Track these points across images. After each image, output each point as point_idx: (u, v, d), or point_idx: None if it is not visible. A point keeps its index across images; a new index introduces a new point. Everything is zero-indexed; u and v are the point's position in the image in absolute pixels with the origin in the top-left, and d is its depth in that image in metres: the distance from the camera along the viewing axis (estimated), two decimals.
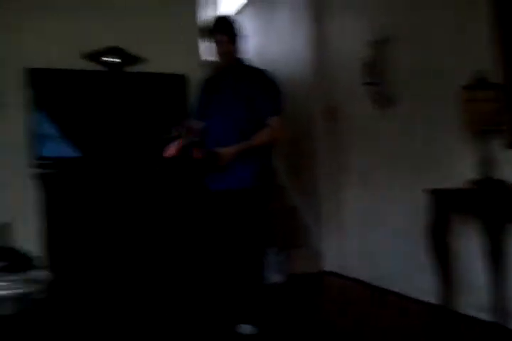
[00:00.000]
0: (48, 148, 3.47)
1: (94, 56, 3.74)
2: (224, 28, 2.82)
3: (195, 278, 3.16)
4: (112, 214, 3.44)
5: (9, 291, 1.12)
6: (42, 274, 1.18)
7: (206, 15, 4.20)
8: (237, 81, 2.84)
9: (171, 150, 2.80)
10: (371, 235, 3.85)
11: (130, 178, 3.55)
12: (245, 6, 5.67)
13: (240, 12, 5.69)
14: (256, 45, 4.96)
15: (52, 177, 3.38)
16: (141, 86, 3.71)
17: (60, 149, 3.50)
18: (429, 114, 3.21)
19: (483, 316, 2.76)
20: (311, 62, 4.45)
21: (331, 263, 4.26)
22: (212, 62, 3.03)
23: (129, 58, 3.79)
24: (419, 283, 3.32)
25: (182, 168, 3.42)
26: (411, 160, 3.40)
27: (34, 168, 3.43)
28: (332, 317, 3.07)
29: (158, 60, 3.80)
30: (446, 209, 2.82)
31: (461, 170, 2.89)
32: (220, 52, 2.83)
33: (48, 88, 3.51)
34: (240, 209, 2.75)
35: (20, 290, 1.13)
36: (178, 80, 3.72)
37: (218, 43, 2.82)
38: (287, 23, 4.85)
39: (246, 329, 2.71)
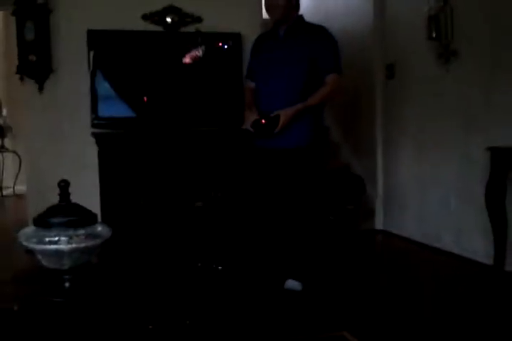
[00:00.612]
0: (105, 109, 3.55)
1: (151, 16, 3.77)
2: None
3: (244, 234, 3.23)
4: (164, 174, 3.50)
5: (74, 245, 1.22)
6: (103, 229, 1.27)
7: None
8: (296, 38, 2.79)
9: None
10: (425, 194, 3.81)
11: (181, 139, 3.59)
12: None
13: None
14: (312, 2, 4.85)
15: (106, 137, 3.47)
16: (197, 46, 3.71)
17: (117, 109, 3.58)
18: (495, 71, 3.09)
19: None
20: (370, 17, 4.32)
21: (383, 222, 4.27)
22: (271, 20, 2.99)
23: (186, 18, 3.80)
24: (473, 244, 3.29)
25: (236, 130, 3.45)
26: (474, 117, 3.30)
27: (93, 128, 3.55)
28: (381, 276, 3.09)
29: (215, 19, 3.78)
30: (505, 168, 2.75)
31: None
32: (275, 10, 2.79)
33: (106, 49, 3.58)
34: (294, 169, 2.75)
35: (84, 244, 1.22)
36: (235, 39, 3.70)
37: (273, 1, 2.78)
38: None
39: (292, 284, 2.74)
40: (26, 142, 4.04)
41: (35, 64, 3.76)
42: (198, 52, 3.70)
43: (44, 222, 1.30)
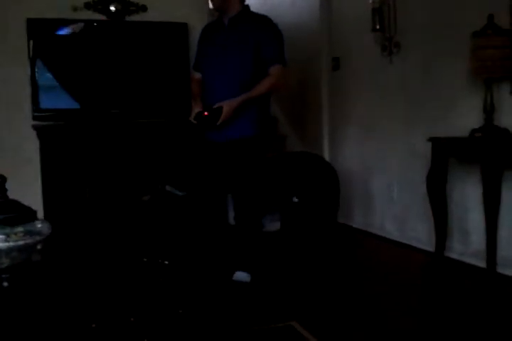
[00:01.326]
0: (47, 100, 3.44)
1: (95, 5, 3.67)
2: None
3: (191, 226, 3.22)
4: (109, 167, 3.44)
5: (11, 243, 1.18)
6: (43, 226, 1.23)
7: None
8: (239, 28, 2.77)
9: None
10: (370, 183, 3.90)
11: (127, 130, 3.52)
12: None
13: None
14: None
15: (48, 130, 3.38)
16: (142, 35, 3.64)
17: (60, 101, 3.48)
18: (438, 62, 3.18)
19: (478, 263, 2.83)
20: (316, 9, 4.36)
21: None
22: (215, 10, 2.96)
23: (131, 6, 3.72)
24: (416, 231, 3.41)
25: (181, 121, 3.42)
26: (417, 108, 3.40)
27: (34, 120, 3.43)
28: (327, 267, 3.11)
29: (161, 8, 3.72)
30: (445, 156, 2.85)
31: (466, 119, 2.90)
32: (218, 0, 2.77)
33: (47, 38, 3.46)
34: (239, 159, 2.76)
35: (22, 242, 1.18)
36: (180, 29, 3.65)
37: None
38: None
39: (241, 276, 2.74)
40: None
41: None
42: (144, 42, 3.64)
43: None
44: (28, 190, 3.52)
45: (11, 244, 1.24)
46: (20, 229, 1.26)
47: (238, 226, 2.82)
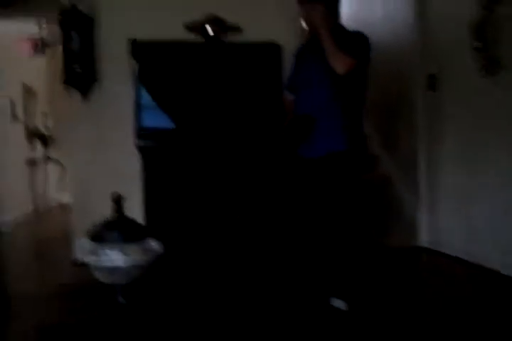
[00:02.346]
0: (148, 119, 3.57)
1: (193, 27, 3.81)
2: None
3: (286, 249, 3.21)
4: (206, 185, 3.50)
5: (129, 260, 1.22)
6: (156, 244, 1.27)
7: None
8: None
9: None
10: (469, 210, 3.70)
11: (223, 150, 3.59)
12: None
13: None
14: (350, 10, 4.81)
15: (150, 149, 3.50)
16: (236, 56, 3.73)
17: (159, 120, 3.60)
18: None
19: None
20: (411, 26, 4.26)
21: (425, 238, 4.15)
22: (308, 30, 2.98)
23: (227, 28, 3.82)
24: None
25: (276, 139, 3.43)
26: None
27: (137, 138, 3.57)
28: (425, 295, 2.99)
29: (255, 29, 3.79)
30: None
31: None
32: (311, 22, 2.79)
33: (149, 59, 3.62)
34: (332, 177, 2.73)
35: (139, 259, 1.22)
36: (274, 49, 3.70)
37: (310, 11, 2.77)
38: None
39: (338, 303, 2.68)
40: (71, 152, 4.12)
41: (80, 74, 3.84)
42: (238, 62, 3.72)
43: (99, 236, 1.31)
44: (130, 207, 3.69)
45: (128, 261, 1.29)
46: (136, 246, 1.30)
47: (333, 251, 2.77)
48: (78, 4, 3.71)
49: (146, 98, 3.61)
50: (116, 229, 1.29)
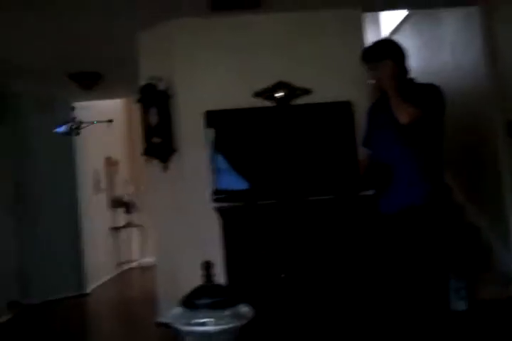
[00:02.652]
0: (224, 182, 3.69)
1: (262, 93, 3.97)
2: (384, 53, 2.83)
3: (375, 305, 3.12)
4: (286, 246, 3.50)
5: (219, 326, 1.25)
6: (246, 309, 1.30)
7: (367, 39, 4.20)
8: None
9: None
10: None
11: (301, 210, 3.60)
12: (403, 23, 5.57)
13: (397, 30, 5.62)
14: (419, 63, 4.85)
15: (227, 210, 3.58)
16: (308, 117, 3.82)
17: (234, 182, 3.72)
18: None
19: None
20: (483, 73, 4.21)
21: None
22: (374, 86, 3.03)
23: (296, 91, 3.95)
24: None
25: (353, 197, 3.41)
26: None
27: (214, 202, 3.67)
28: None
29: (324, 90, 3.88)
30: None
31: None
32: (379, 81, 2.84)
33: (222, 126, 3.77)
34: (415, 231, 2.67)
35: (230, 325, 1.25)
36: (344, 107, 3.77)
37: (378, 68, 2.83)
38: (454, 35, 4.66)
39: None
40: (155, 218, 4.29)
41: (159, 145, 4.07)
42: (309, 123, 3.80)
43: (191, 303, 1.35)
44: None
45: (219, 327, 1.31)
46: (227, 312, 1.33)
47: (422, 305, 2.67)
48: (155, 83, 3.99)
49: (221, 162, 3.74)
50: (205, 295, 1.33)
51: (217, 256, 3.60)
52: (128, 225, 7.81)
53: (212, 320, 1.32)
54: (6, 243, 5.15)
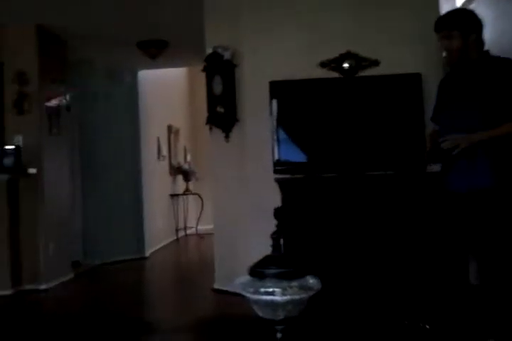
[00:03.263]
0: (285, 154, 3.68)
1: (328, 63, 3.89)
2: (457, 23, 2.68)
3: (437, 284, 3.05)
4: (344, 221, 3.47)
5: (287, 297, 1.26)
6: (314, 281, 1.30)
7: (441, 9, 4.00)
8: (477, 78, 2.64)
9: None
10: None
11: (362, 184, 3.55)
12: None
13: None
14: (493, 34, 4.59)
15: (288, 182, 3.58)
16: (374, 89, 3.71)
17: (295, 155, 3.71)
18: None
19: None
20: None
21: None
22: (447, 59, 2.90)
23: (363, 62, 3.84)
24: None
25: (418, 174, 3.32)
26: None
27: (274, 173, 3.66)
28: None
29: (393, 61, 3.75)
30: None
31: None
32: (450, 53, 2.71)
33: (286, 98, 3.74)
34: (485, 215, 2.56)
35: (297, 296, 1.26)
36: (414, 80, 3.63)
37: (450, 40, 2.69)
38: None
39: None
40: (215, 186, 4.35)
41: (223, 115, 4.09)
42: (376, 96, 3.70)
43: (259, 272, 1.36)
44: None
45: (287, 297, 1.32)
46: (295, 283, 1.34)
47: (486, 288, 2.60)
48: (221, 52, 3.98)
49: (283, 134, 3.72)
50: (273, 265, 1.34)
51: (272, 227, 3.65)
52: (186, 193, 7.97)
53: (279, 289, 1.33)
54: (73, 206, 5.38)
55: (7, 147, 4.51)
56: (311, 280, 1.36)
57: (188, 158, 8.28)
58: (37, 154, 4.60)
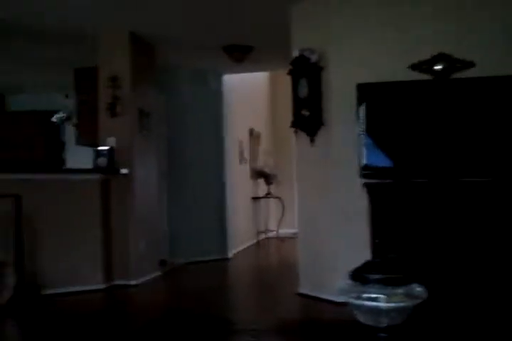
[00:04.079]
0: (372, 159, 3.59)
1: (420, 65, 3.77)
2: None
3: None
4: (435, 227, 3.36)
5: (392, 304, 1.22)
6: (421, 290, 1.25)
7: None
8: None
9: None
10: None
11: (455, 191, 3.42)
12: None
13: None
14: None
15: (377, 187, 3.51)
16: (469, 92, 3.55)
17: (381, 159, 3.61)
18: None
19: None
20: None
21: None
22: None
23: (457, 63, 3.69)
24: None
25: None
26: None
27: (361, 178, 3.60)
28: None
29: (489, 63, 3.57)
30: None
31: None
32: None
33: (375, 101, 3.64)
34: None
35: (402, 304, 1.22)
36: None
37: None
38: None
39: None
40: (296, 189, 4.34)
41: (308, 118, 4.06)
42: (471, 99, 3.53)
43: (362, 277, 1.33)
44: (354, 243, 3.72)
45: (392, 304, 1.28)
46: (400, 290, 1.30)
47: None
48: (308, 55, 3.97)
49: (370, 138, 3.64)
50: (376, 270, 1.31)
51: (362, 232, 3.59)
52: (267, 196, 8.02)
53: (384, 296, 1.29)
54: (160, 206, 5.56)
55: (101, 148, 4.75)
56: (418, 288, 1.31)
57: (270, 161, 8.33)
58: (128, 155, 4.80)
